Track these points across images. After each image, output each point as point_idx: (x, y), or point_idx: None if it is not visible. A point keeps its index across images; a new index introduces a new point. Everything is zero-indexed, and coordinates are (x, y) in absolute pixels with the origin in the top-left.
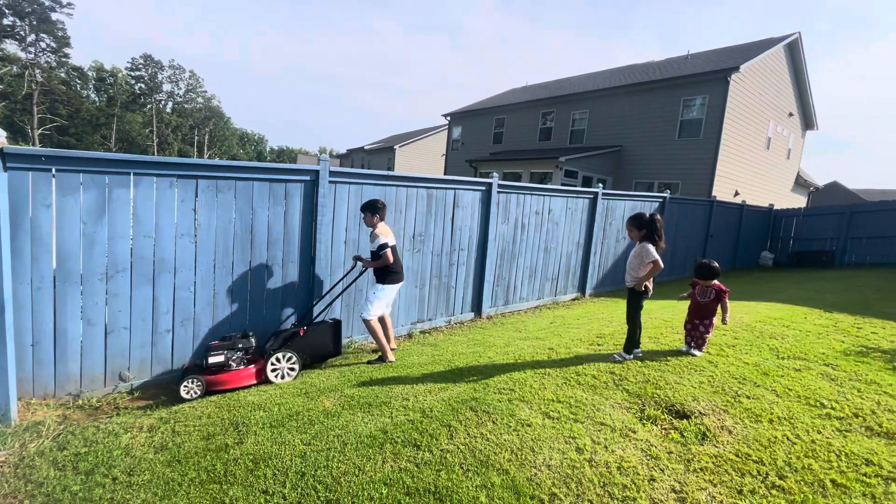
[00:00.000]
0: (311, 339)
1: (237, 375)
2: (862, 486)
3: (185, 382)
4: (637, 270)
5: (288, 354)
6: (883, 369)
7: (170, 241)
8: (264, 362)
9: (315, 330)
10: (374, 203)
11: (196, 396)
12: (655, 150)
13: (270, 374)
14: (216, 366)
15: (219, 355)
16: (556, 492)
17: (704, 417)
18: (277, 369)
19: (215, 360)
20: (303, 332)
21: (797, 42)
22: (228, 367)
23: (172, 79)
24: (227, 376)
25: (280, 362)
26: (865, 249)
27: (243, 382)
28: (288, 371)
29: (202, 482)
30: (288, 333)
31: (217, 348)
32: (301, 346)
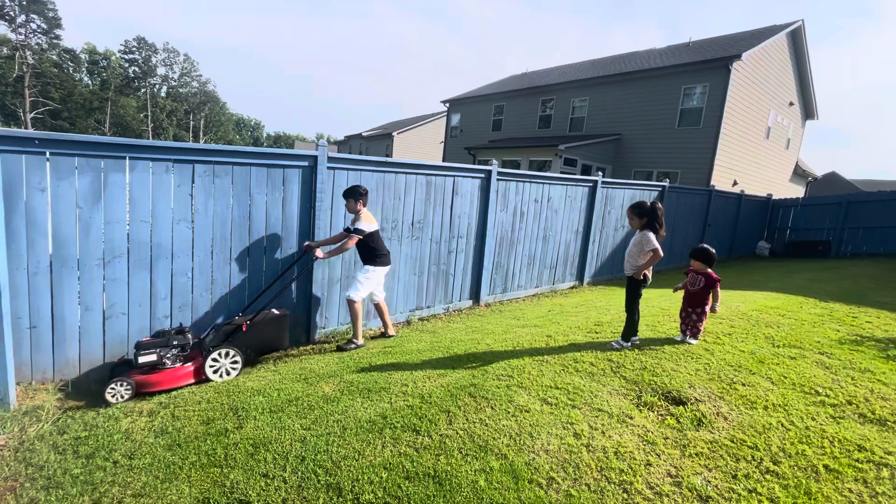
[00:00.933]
0: (254, 333)
1: (172, 375)
2: (854, 472)
3: (112, 384)
4: (636, 258)
5: (229, 351)
6: (877, 358)
7: (167, 226)
8: (203, 360)
9: (259, 323)
10: (356, 189)
11: (124, 400)
12: (655, 139)
13: (210, 372)
14: (148, 365)
15: (150, 354)
16: (554, 476)
17: (700, 404)
18: (218, 367)
19: (146, 359)
20: (245, 326)
21: (800, 30)
22: (162, 366)
23: (167, 62)
24: (160, 376)
25: (221, 359)
26: (862, 240)
27: (180, 382)
28: (230, 368)
29: (203, 466)
30: (229, 328)
31: (148, 346)
32: (244, 341)
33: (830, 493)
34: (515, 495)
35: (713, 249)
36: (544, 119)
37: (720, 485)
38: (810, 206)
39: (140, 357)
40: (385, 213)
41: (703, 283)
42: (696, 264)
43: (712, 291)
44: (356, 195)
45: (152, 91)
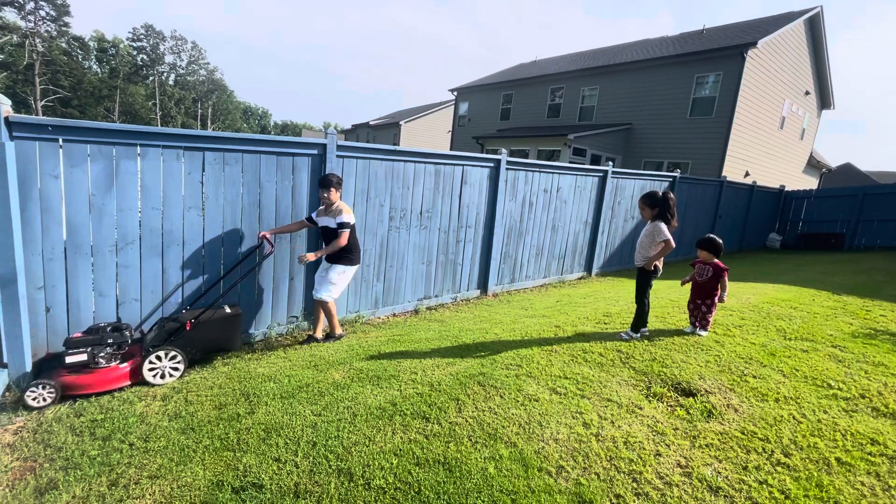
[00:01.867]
0: (200, 332)
1: (104, 377)
2: (867, 465)
3: (33, 387)
4: (647, 249)
5: (170, 352)
6: (891, 351)
7: (178, 213)
8: (141, 360)
9: (206, 322)
10: (328, 178)
11: (46, 404)
12: (666, 129)
13: (148, 374)
14: (77, 365)
15: (80, 353)
16: (563, 465)
17: (710, 396)
18: (156, 368)
19: (74, 359)
20: (189, 325)
21: (818, 16)
22: (95, 366)
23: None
24: (90, 378)
25: (160, 360)
26: (877, 233)
27: (113, 385)
28: (171, 371)
29: (216, 449)
30: (172, 327)
31: (78, 343)
32: (187, 341)
33: (842, 486)
34: (525, 483)
35: (720, 239)
36: (553, 108)
37: (730, 476)
38: (824, 198)
39: (68, 357)
40: (394, 202)
41: (711, 273)
42: (703, 254)
43: (720, 281)
44: (334, 184)
45: (160, 79)
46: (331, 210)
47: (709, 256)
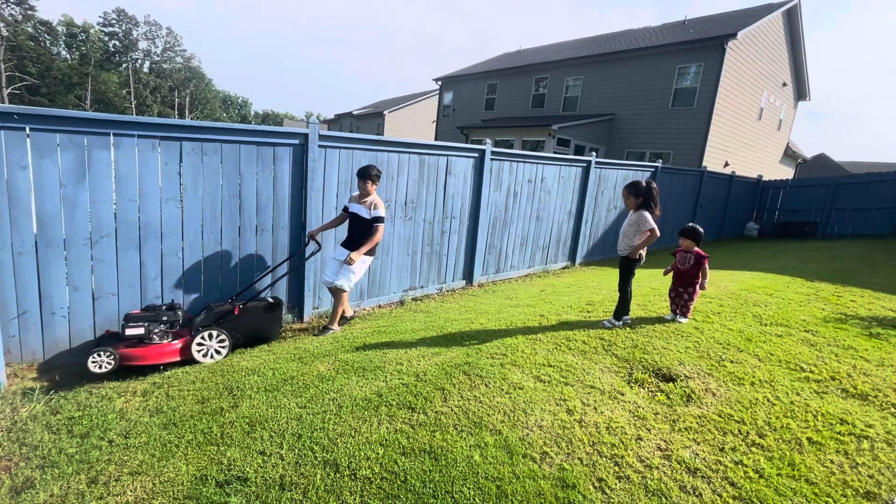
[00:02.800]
0: (245, 319)
1: (158, 350)
2: (836, 444)
3: (94, 354)
4: (632, 238)
5: (217, 333)
6: (860, 335)
7: (155, 205)
8: (190, 338)
9: (252, 310)
10: (369, 170)
11: (106, 370)
12: (648, 119)
13: (196, 352)
14: (135, 338)
15: (138, 327)
16: (547, 451)
17: (690, 381)
18: (204, 348)
19: (134, 332)
20: (237, 310)
21: (796, 8)
22: (150, 341)
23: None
24: (145, 350)
25: (208, 340)
26: (848, 221)
27: (164, 359)
28: (216, 351)
29: (199, 444)
30: (221, 311)
31: (137, 319)
32: (234, 326)
33: (813, 465)
34: (510, 469)
35: (701, 228)
36: (538, 98)
37: (708, 457)
38: (799, 188)
39: (127, 329)
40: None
41: (693, 261)
42: (685, 242)
43: (701, 269)
44: (371, 176)
45: (134, 66)
46: (365, 201)
47: (690, 245)
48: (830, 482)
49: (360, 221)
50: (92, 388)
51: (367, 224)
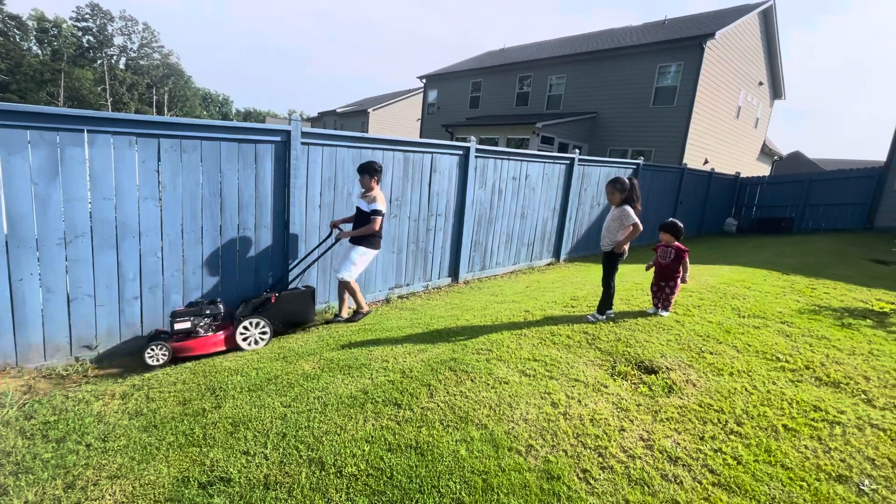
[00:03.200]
0: (282, 306)
1: (205, 342)
2: (810, 430)
3: (150, 348)
4: (615, 234)
5: (258, 321)
6: (833, 326)
7: (132, 204)
8: (234, 329)
9: (287, 297)
10: (371, 165)
11: (161, 363)
12: (630, 117)
13: (240, 340)
14: (183, 332)
15: (185, 321)
16: (532, 443)
17: (671, 372)
18: (247, 336)
19: (181, 326)
20: (274, 298)
21: (771, 9)
22: (196, 334)
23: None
24: (194, 342)
25: (250, 329)
26: (822, 216)
27: (211, 349)
28: (258, 338)
29: (181, 445)
30: (259, 300)
31: (183, 314)
32: (272, 313)
33: (788, 450)
34: (496, 462)
35: (681, 223)
36: (522, 96)
37: (688, 446)
38: (775, 185)
39: (175, 324)
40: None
41: (674, 255)
42: (665, 237)
43: (682, 262)
44: (372, 171)
45: (110, 63)
46: (367, 195)
47: (671, 239)
48: (805, 467)
49: (361, 215)
50: (68, 393)
51: (367, 217)
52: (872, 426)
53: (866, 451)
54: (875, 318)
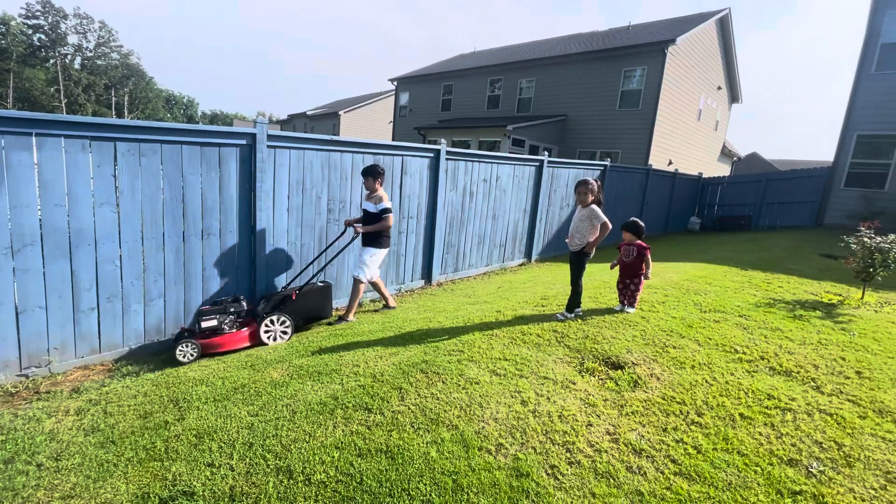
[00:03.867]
0: (303, 302)
1: (232, 338)
2: (764, 417)
3: (180, 346)
4: (586, 233)
5: (281, 317)
6: (786, 318)
7: (87, 210)
8: (257, 325)
9: (306, 293)
10: (374, 167)
11: (192, 360)
12: (598, 120)
13: (264, 335)
14: (210, 329)
15: (211, 319)
16: (502, 442)
17: (637, 367)
18: (270, 331)
19: (208, 324)
20: (294, 295)
21: (727, 17)
22: (222, 331)
23: (79, 30)
24: (221, 339)
25: (273, 325)
26: (777, 214)
27: (238, 345)
28: (281, 333)
29: (141, 461)
30: (279, 297)
31: (209, 312)
32: (293, 309)
33: (744, 438)
34: (466, 462)
35: (642, 223)
36: (493, 99)
37: (652, 438)
38: (735, 184)
39: (203, 322)
40: (332, 194)
41: (636, 253)
42: (627, 236)
43: (644, 260)
44: (376, 174)
45: (64, 62)
46: (372, 197)
47: (633, 238)
48: (759, 452)
49: (370, 216)
50: (17, 410)
51: (376, 217)
52: (820, 411)
53: (815, 435)
54: (824, 310)
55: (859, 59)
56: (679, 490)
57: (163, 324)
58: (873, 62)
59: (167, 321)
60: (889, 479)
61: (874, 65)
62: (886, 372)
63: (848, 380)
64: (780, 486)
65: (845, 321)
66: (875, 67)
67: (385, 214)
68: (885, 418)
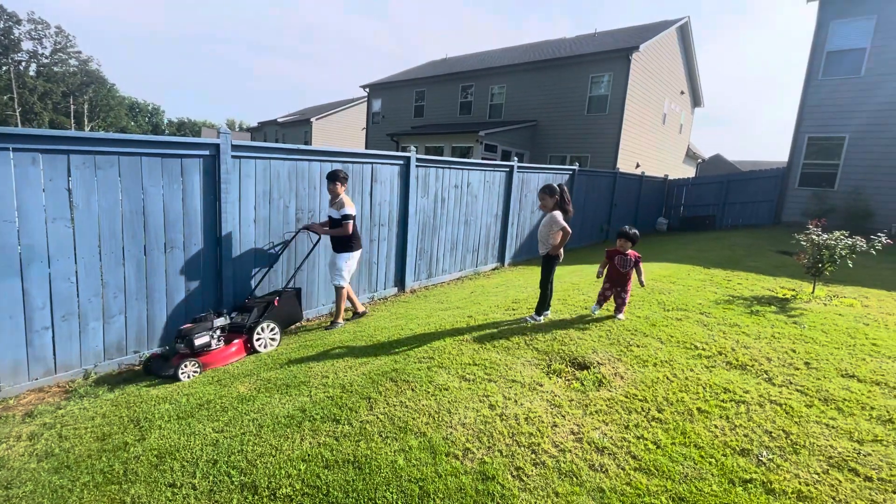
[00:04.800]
0: (283, 307)
1: (224, 353)
2: (720, 410)
3: (182, 367)
4: (547, 238)
5: (270, 325)
6: (743, 314)
7: (39, 225)
8: (248, 335)
9: (286, 300)
10: (335, 173)
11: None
12: (567, 125)
13: (256, 344)
14: (202, 347)
15: (203, 336)
16: (469, 447)
17: (601, 367)
18: (261, 339)
19: (200, 341)
20: (277, 302)
21: (687, 25)
22: (209, 348)
23: (33, 35)
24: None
25: (263, 332)
26: (739, 213)
27: (232, 358)
28: (270, 340)
29: (98, 485)
30: (263, 306)
31: (193, 331)
32: (276, 316)
33: (701, 431)
34: (433, 469)
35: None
36: (465, 105)
37: (615, 436)
38: (699, 185)
39: (196, 340)
40: (300, 203)
41: (633, 263)
42: (622, 244)
43: (637, 269)
44: (336, 178)
45: (18, 69)
46: (335, 203)
47: (626, 245)
48: (714, 444)
49: (334, 223)
50: None
51: (338, 223)
52: (771, 402)
53: (765, 425)
54: (778, 305)
55: (807, 65)
56: (638, 485)
57: (124, 341)
58: (820, 69)
59: (129, 338)
60: (831, 463)
61: (821, 71)
62: (832, 362)
63: (797, 371)
64: (733, 476)
65: (797, 315)
66: (822, 74)
67: (345, 221)
68: (829, 406)
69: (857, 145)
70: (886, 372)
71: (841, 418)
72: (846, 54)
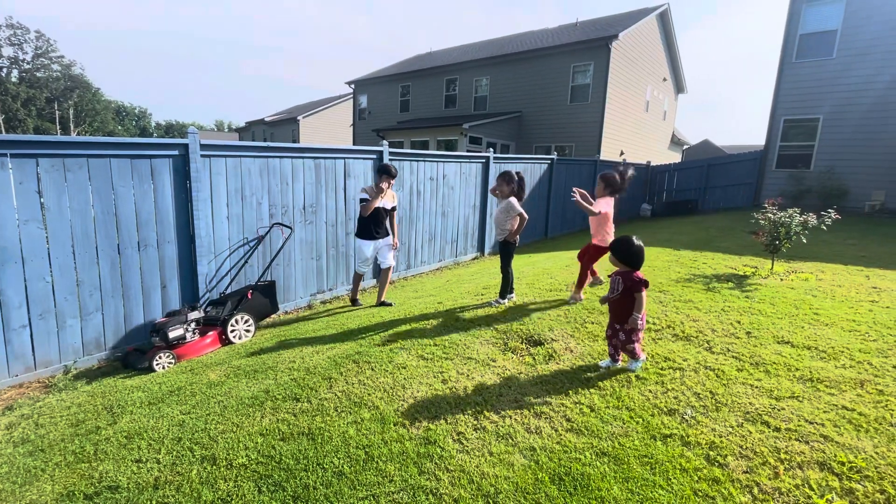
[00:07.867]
0: (257, 299)
1: (198, 344)
2: (657, 377)
3: (156, 358)
4: (505, 224)
5: (244, 316)
6: (700, 290)
7: (11, 228)
8: (222, 327)
9: (259, 292)
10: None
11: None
12: (551, 115)
13: (231, 335)
14: (177, 339)
15: (177, 329)
16: (417, 416)
17: (555, 343)
18: (236, 330)
19: (175, 333)
20: (250, 294)
21: (667, 12)
22: (184, 341)
23: (13, 40)
24: (190, 346)
25: (238, 324)
26: (720, 197)
27: (207, 350)
28: (244, 331)
29: (69, 464)
30: (236, 298)
31: (168, 324)
32: (250, 307)
33: (635, 396)
34: (380, 437)
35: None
36: (450, 99)
37: (553, 402)
38: (681, 171)
39: (170, 333)
40: (273, 199)
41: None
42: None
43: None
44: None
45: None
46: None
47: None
48: (644, 406)
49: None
50: None
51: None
52: (706, 368)
53: (695, 388)
54: (736, 281)
55: (781, 48)
56: (567, 443)
57: (102, 337)
58: (793, 51)
59: (107, 334)
60: (747, 418)
61: (794, 54)
62: (771, 330)
63: (738, 340)
64: (655, 432)
65: (751, 290)
66: (796, 56)
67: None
68: (758, 369)
69: (831, 126)
70: (819, 337)
71: (766, 379)
72: (819, 36)
